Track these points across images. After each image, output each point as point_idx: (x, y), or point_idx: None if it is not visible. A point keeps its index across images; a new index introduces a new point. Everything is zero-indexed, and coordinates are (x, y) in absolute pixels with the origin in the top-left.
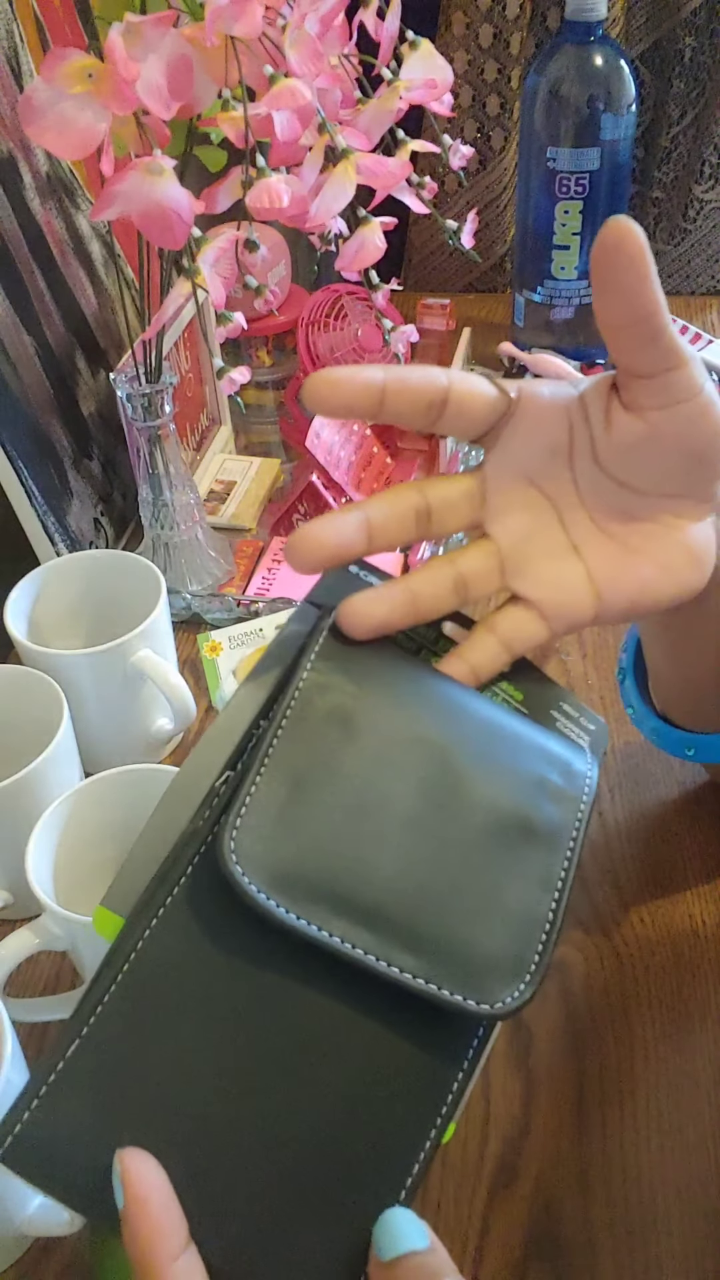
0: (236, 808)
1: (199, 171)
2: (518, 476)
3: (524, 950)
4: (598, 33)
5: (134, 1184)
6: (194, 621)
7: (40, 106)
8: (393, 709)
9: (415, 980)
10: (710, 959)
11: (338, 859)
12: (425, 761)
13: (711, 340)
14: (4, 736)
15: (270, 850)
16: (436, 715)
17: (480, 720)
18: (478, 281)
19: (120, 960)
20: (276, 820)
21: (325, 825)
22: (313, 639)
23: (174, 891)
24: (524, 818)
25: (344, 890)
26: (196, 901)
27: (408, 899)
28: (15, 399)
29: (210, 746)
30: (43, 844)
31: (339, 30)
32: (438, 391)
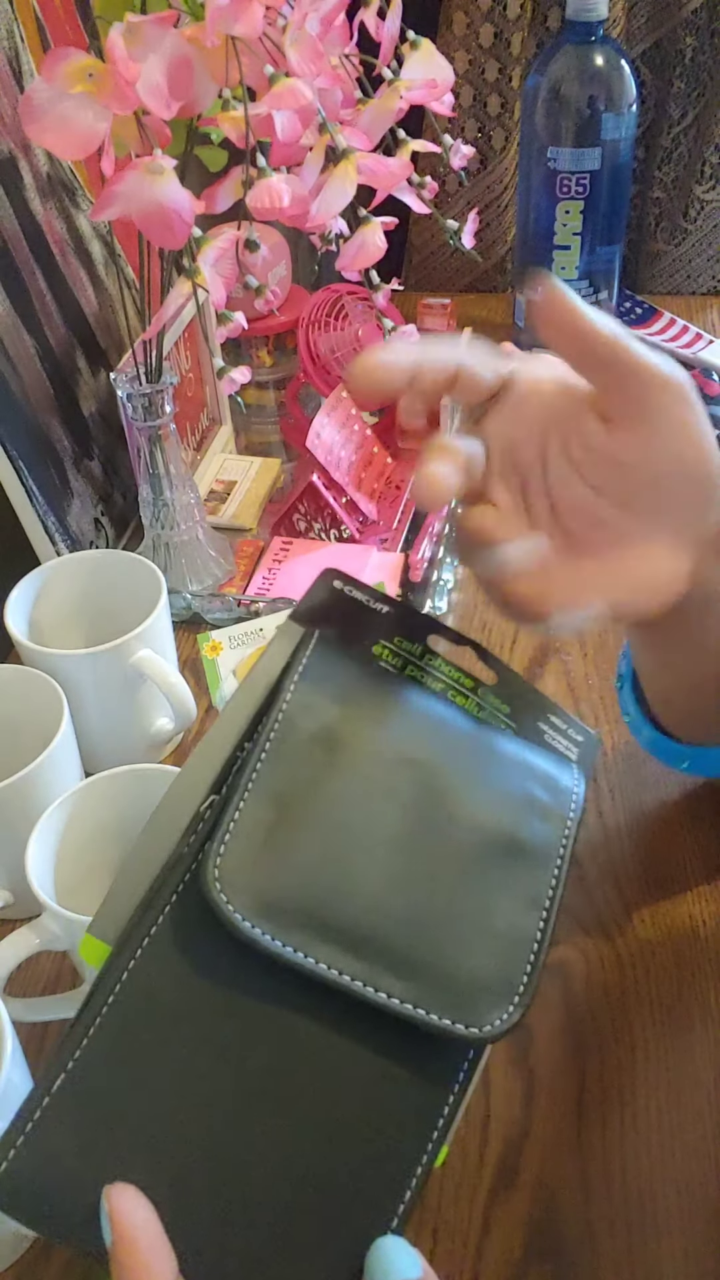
0: (220, 834)
1: (199, 171)
2: (502, 445)
3: (512, 971)
4: (598, 33)
5: (121, 1222)
6: (194, 621)
7: (41, 106)
8: (378, 729)
9: (403, 1005)
10: (710, 959)
11: (323, 884)
12: (411, 782)
13: (712, 340)
14: (4, 736)
15: (254, 876)
16: (422, 734)
17: (466, 738)
18: (478, 281)
19: (105, 992)
20: (261, 846)
21: (310, 849)
22: (297, 658)
23: (159, 920)
24: (511, 836)
25: (330, 915)
26: (181, 929)
27: (394, 923)
28: (16, 399)
29: (195, 769)
30: (43, 844)
31: (339, 30)
32: (453, 374)
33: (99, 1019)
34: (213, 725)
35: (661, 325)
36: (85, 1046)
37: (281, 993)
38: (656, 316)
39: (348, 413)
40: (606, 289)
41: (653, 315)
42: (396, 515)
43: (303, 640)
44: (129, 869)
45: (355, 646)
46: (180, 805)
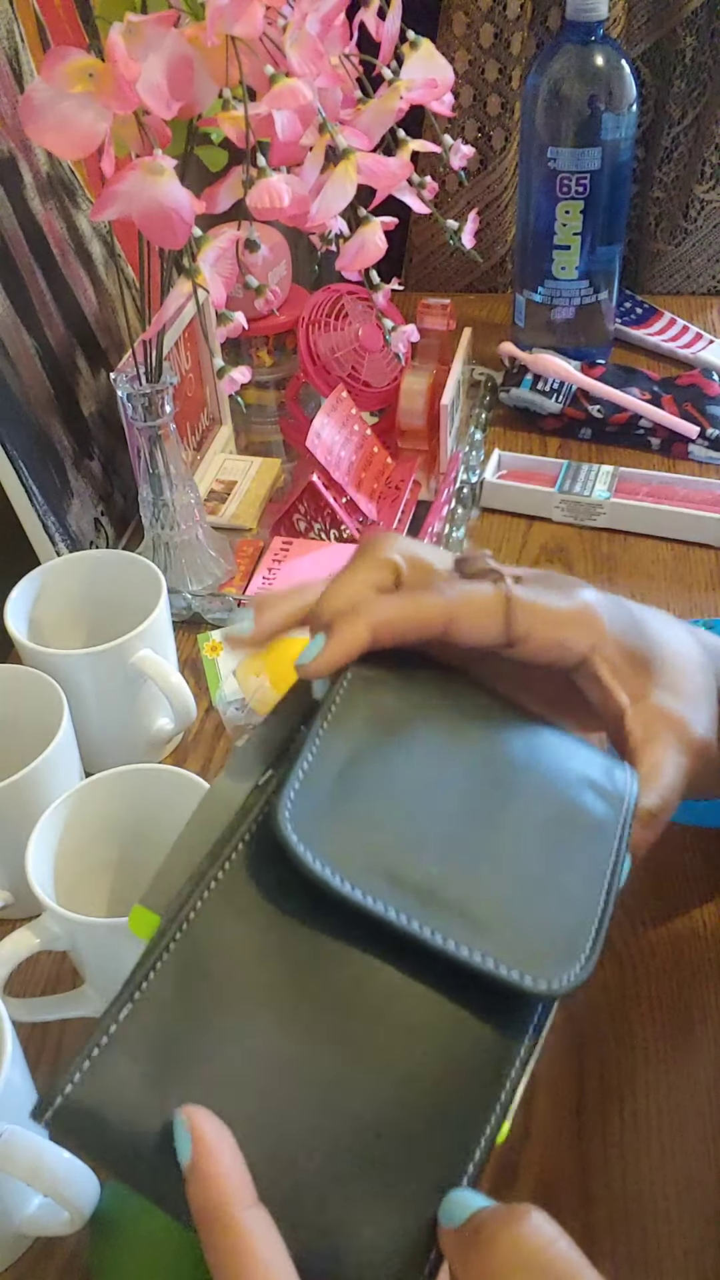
0: (290, 783)
1: (199, 171)
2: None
3: (578, 933)
4: (598, 33)
5: (204, 1134)
6: (194, 621)
7: (41, 106)
8: (438, 702)
9: (473, 955)
10: (710, 959)
11: (392, 836)
12: (474, 750)
13: (712, 340)
14: (4, 736)
15: (325, 823)
16: (480, 711)
17: (523, 720)
18: (478, 281)
19: (173, 929)
20: (331, 796)
21: (379, 803)
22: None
23: (226, 865)
24: (573, 809)
25: (399, 866)
26: (251, 871)
27: (462, 879)
28: (16, 399)
29: (247, 753)
30: (43, 844)
31: (340, 30)
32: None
33: (166, 954)
34: (263, 720)
35: (661, 325)
36: (151, 980)
37: (351, 939)
38: (656, 316)
39: (348, 413)
40: (606, 289)
41: (653, 315)
42: (396, 515)
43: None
44: (182, 845)
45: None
46: (233, 786)
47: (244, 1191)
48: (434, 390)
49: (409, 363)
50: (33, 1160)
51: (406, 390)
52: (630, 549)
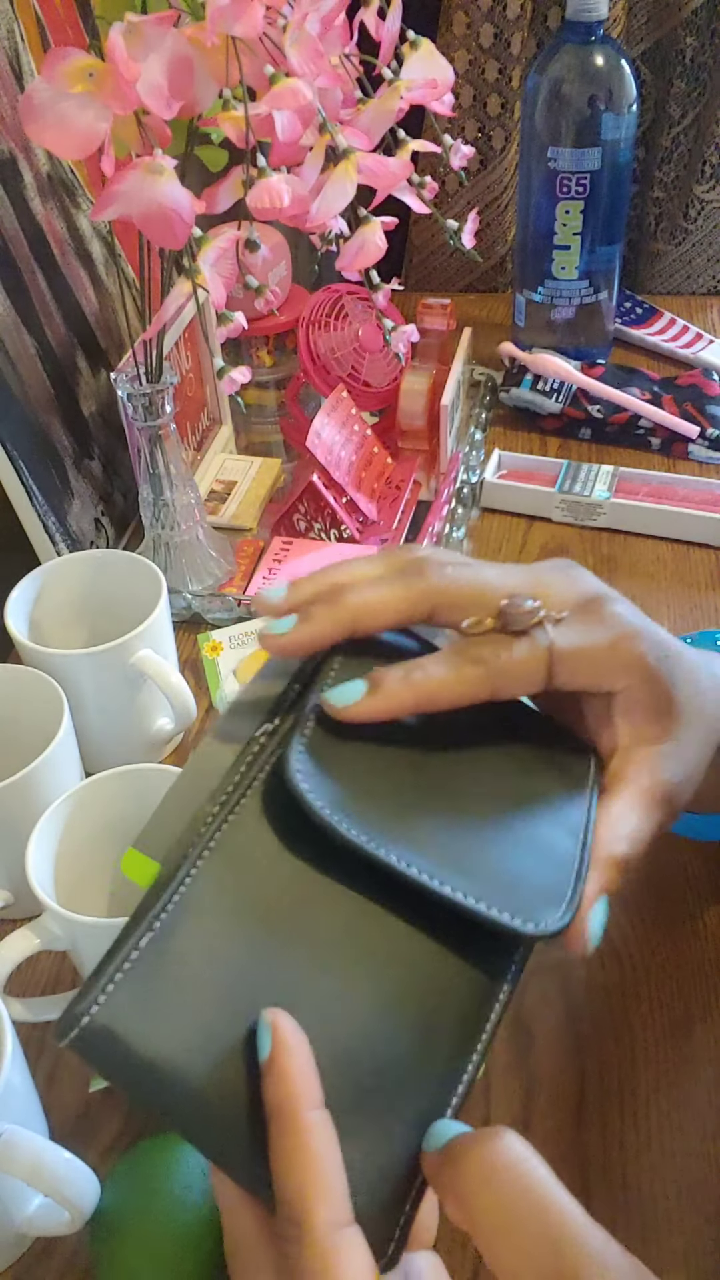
0: (298, 731)
1: (200, 171)
2: None
3: (559, 882)
4: (598, 32)
5: (285, 1034)
6: (194, 621)
7: (41, 106)
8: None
9: (465, 899)
10: (710, 959)
11: (390, 793)
12: (461, 720)
13: (712, 340)
14: (4, 736)
15: (328, 778)
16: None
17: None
18: (478, 281)
19: (187, 866)
20: (331, 759)
21: (378, 765)
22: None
23: (235, 809)
24: (544, 779)
25: (398, 821)
26: (259, 816)
27: (452, 833)
28: (16, 399)
29: (237, 714)
30: (43, 844)
31: (340, 30)
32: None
33: (183, 887)
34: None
35: (661, 325)
36: (171, 911)
37: (353, 884)
38: (656, 316)
39: (348, 413)
40: (606, 289)
41: (653, 315)
42: (396, 515)
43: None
44: (175, 796)
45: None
46: (224, 746)
47: (313, 1093)
48: (434, 390)
49: (409, 363)
50: (33, 1160)
51: (406, 390)
52: (630, 549)
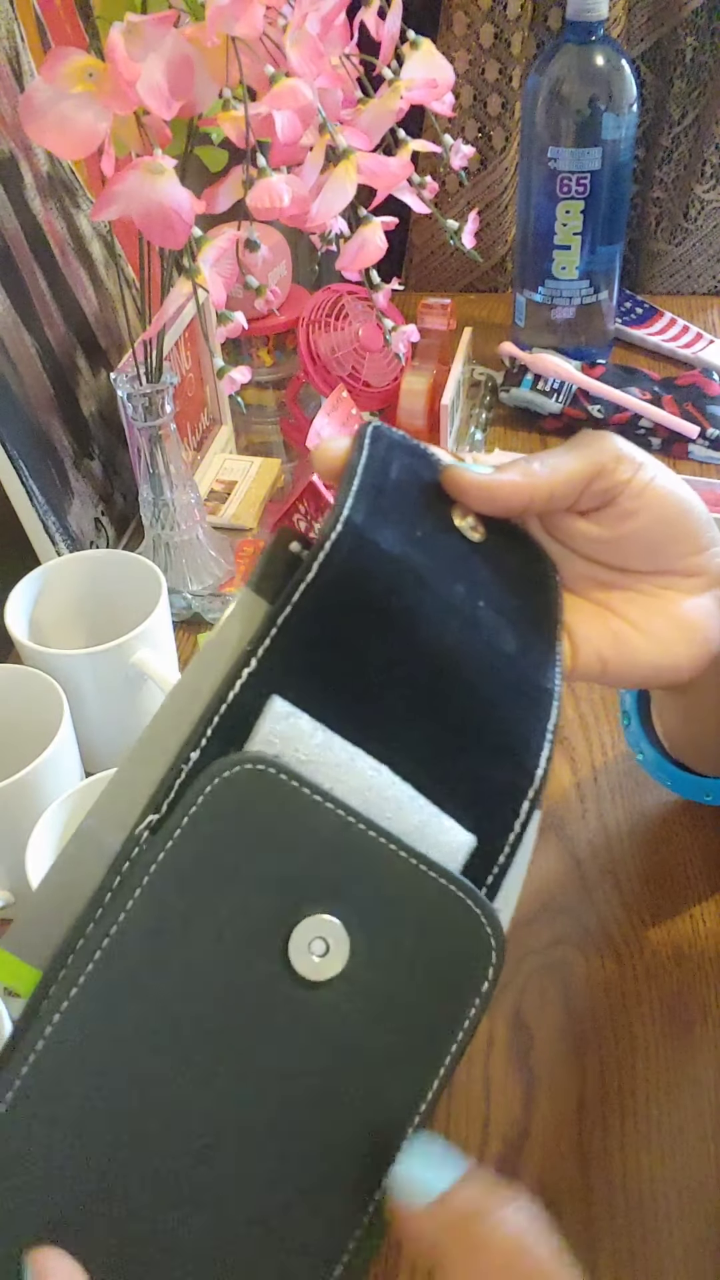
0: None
1: (200, 171)
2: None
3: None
4: (599, 32)
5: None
6: (194, 621)
7: (41, 106)
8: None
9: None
10: (710, 959)
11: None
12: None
13: (712, 340)
14: (4, 736)
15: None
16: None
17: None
18: (479, 281)
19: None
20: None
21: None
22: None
23: (114, 926)
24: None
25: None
26: (147, 928)
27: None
28: (16, 399)
29: (116, 794)
30: (43, 844)
31: (340, 30)
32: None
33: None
34: (146, 729)
35: (661, 325)
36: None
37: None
38: (657, 316)
39: (348, 413)
40: (607, 289)
41: (653, 315)
42: None
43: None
44: (52, 885)
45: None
46: (105, 830)
47: None
48: (434, 390)
49: (409, 363)
50: None
51: (407, 390)
52: None
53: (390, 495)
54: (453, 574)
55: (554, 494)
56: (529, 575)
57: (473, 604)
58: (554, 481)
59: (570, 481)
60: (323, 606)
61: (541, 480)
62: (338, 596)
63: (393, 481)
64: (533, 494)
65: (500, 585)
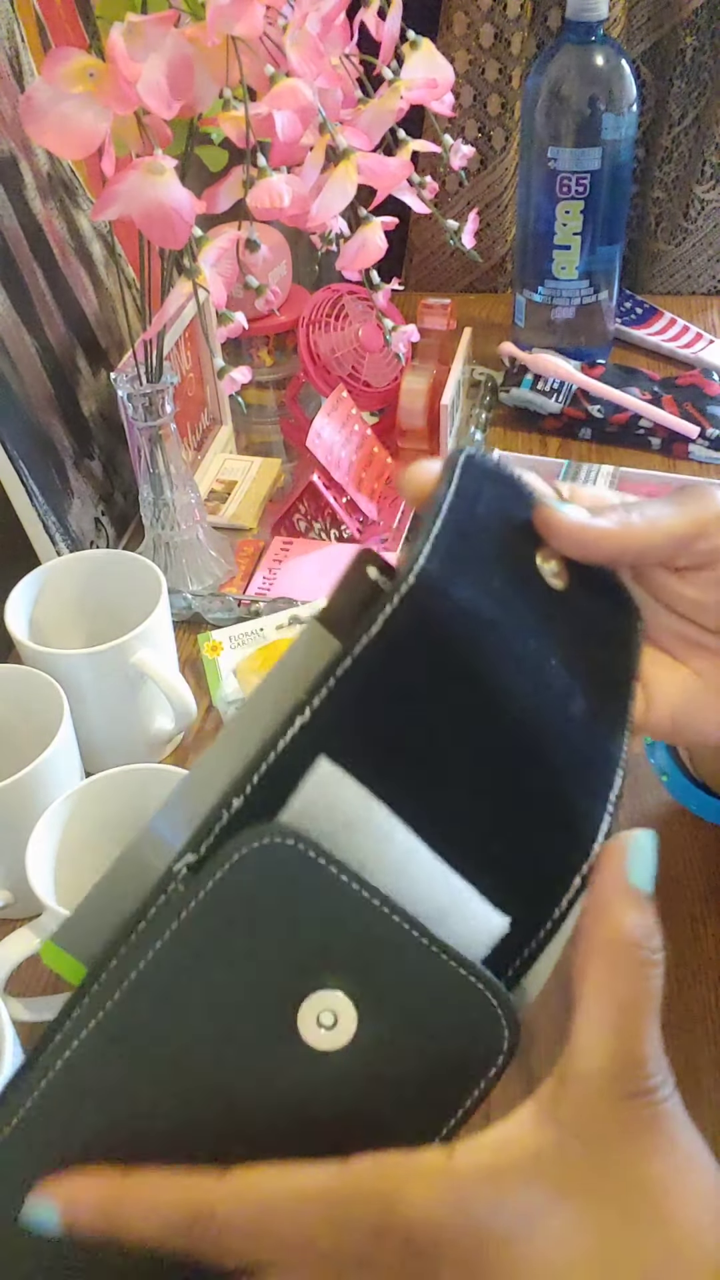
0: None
1: (200, 171)
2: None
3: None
4: (599, 32)
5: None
6: (195, 621)
7: (41, 106)
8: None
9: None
10: (710, 959)
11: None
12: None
13: (712, 340)
14: (4, 736)
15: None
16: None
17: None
18: (478, 281)
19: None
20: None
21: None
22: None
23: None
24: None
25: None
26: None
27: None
28: (16, 399)
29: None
30: (43, 844)
31: (340, 30)
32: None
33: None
34: (194, 767)
35: (661, 325)
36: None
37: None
38: (656, 316)
39: (348, 413)
40: (606, 289)
41: (653, 315)
42: (397, 515)
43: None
44: (106, 889)
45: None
46: (154, 850)
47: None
48: (434, 390)
49: (409, 363)
50: None
51: (407, 390)
52: None
53: (473, 536)
54: (528, 628)
55: (648, 549)
56: (610, 628)
57: (545, 662)
58: (651, 537)
59: (669, 538)
60: (386, 664)
61: (637, 533)
62: (403, 654)
63: (479, 518)
64: (626, 546)
65: (577, 640)
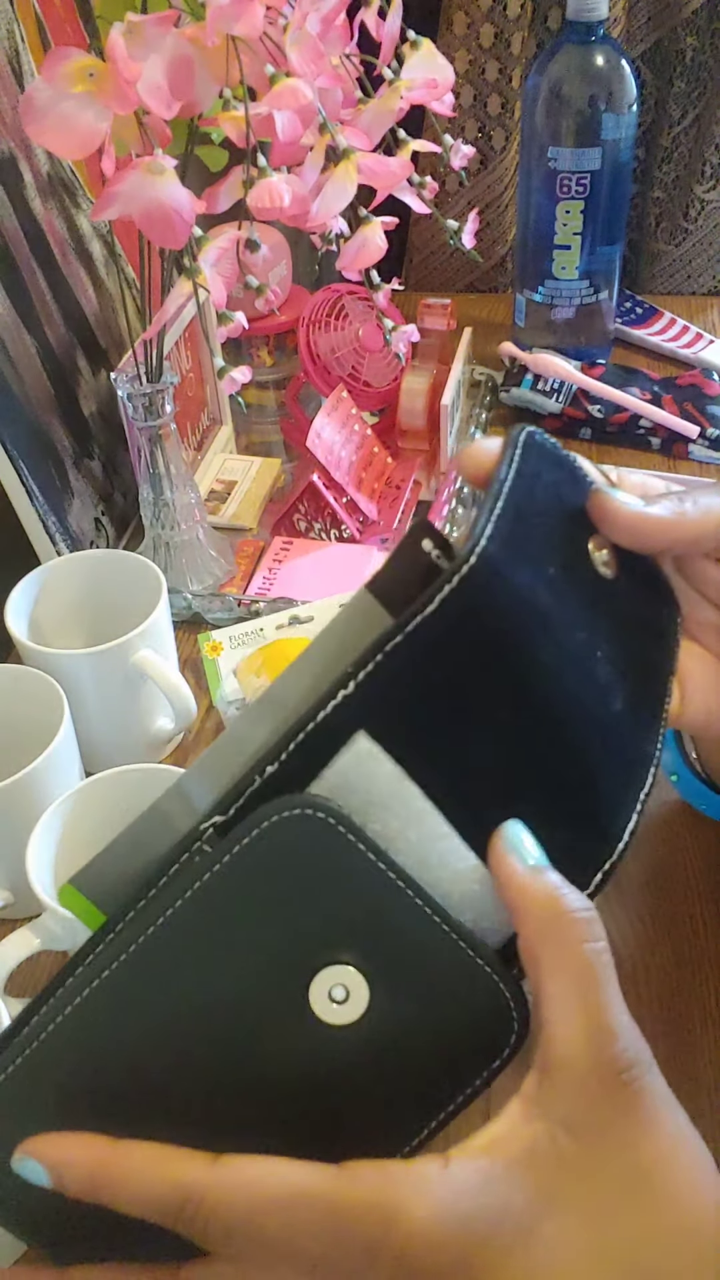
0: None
1: (200, 171)
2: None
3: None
4: (599, 32)
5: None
6: (195, 621)
7: (41, 106)
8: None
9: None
10: (710, 959)
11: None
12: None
13: (712, 340)
14: (4, 736)
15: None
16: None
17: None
18: (479, 281)
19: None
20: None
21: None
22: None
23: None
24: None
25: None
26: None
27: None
28: (16, 399)
29: (206, 769)
30: (43, 844)
31: (340, 30)
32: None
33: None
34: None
35: (662, 325)
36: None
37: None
38: (657, 316)
39: (348, 413)
40: (607, 289)
41: (653, 315)
42: (397, 515)
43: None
44: (126, 843)
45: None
46: (179, 810)
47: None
48: (434, 390)
49: (409, 363)
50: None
51: (407, 390)
52: None
53: (531, 519)
54: (578, 619)
55: (701, 539)
56: (651, 620)
57: (591, 655)
58: (704, 527)
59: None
60: (437, 643)
61: (691, 522)
62: (456, 636)
63: (537, 502)
64: (680, 536)
65: (622, 632)
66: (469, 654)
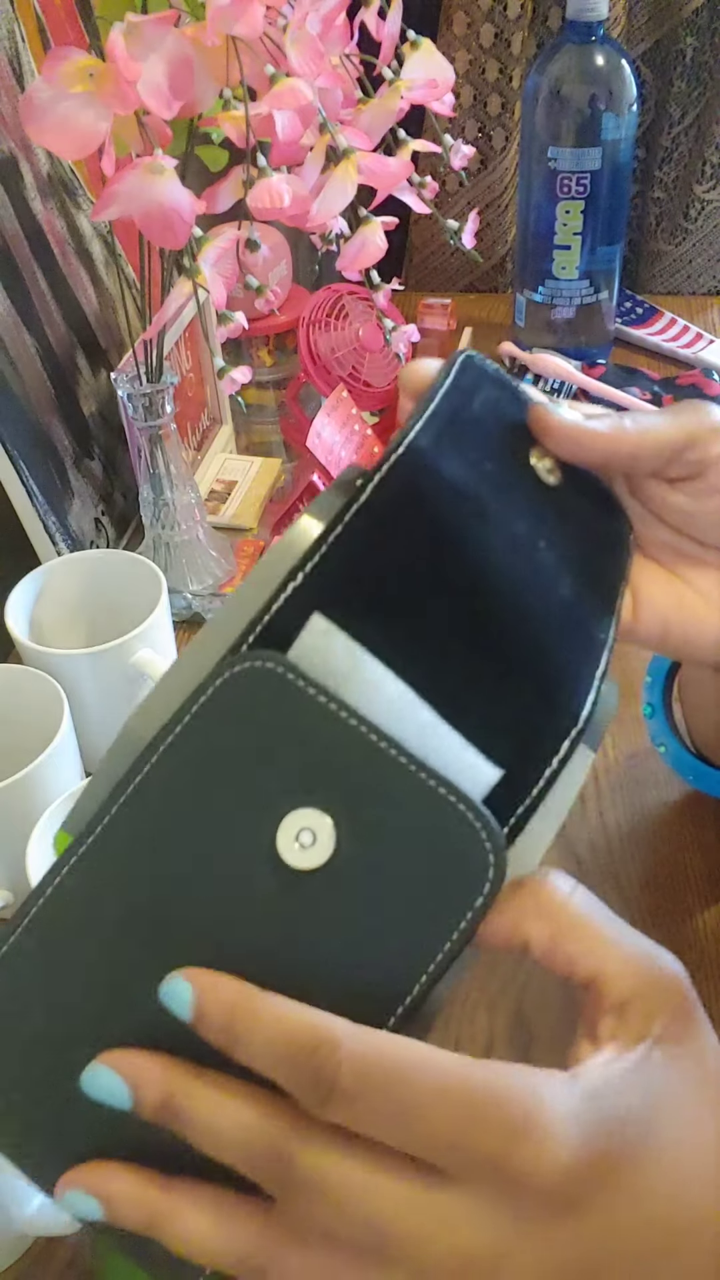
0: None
1: (200, 171)
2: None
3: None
4: (599, 32)
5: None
6: (195, 621)
7: (41, 106)
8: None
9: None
10: (710, 959)
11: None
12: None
13: (712, 340)
14: (4, 736)
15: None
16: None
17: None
18: (479, 281)
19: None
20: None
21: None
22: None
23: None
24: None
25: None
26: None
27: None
28: (16, 399)
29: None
30: (43, 844)
31: (340, 30)
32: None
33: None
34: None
35: (662, 325)
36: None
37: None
38: (657, 316)
39: (348, 413)
40: (607, 289)
41: (653, 315)
42: None
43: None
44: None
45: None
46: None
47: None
48: None
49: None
50: None
51: None
52: None
53: (466, 424)
54: (517, 511)
55: (638, 454)
56: (600, 530)
57: (533, 544)
58: (641, 442)
59: (658, 446)
60: (374, 526)
61: (629, 438)
62: (390, 518)
63: (473, 412)
64: (616, 448)
65: (566, 532)
66: (406, 534)
